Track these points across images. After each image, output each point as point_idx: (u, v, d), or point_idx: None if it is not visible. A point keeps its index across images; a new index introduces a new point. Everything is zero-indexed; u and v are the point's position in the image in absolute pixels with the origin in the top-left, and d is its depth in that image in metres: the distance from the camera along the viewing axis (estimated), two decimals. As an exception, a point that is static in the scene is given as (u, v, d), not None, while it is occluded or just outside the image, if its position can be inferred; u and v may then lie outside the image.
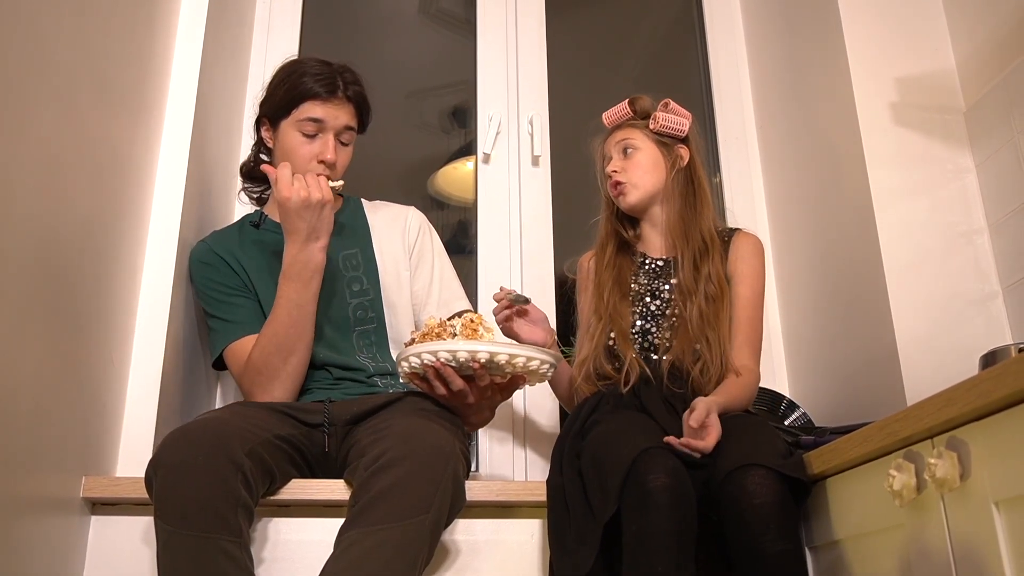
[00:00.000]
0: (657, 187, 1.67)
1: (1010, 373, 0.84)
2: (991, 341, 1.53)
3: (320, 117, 1.63)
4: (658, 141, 1.69)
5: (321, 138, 1.64)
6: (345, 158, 1.68)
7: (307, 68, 1.66)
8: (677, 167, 1.68)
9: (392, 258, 1.75)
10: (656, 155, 1.69)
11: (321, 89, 1.63)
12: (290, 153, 1.64)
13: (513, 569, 1.44)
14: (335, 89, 1.65)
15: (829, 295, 1.87)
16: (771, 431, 1.39)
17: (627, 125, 1.72)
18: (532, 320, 1.67)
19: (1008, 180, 1.62)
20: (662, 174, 1.68)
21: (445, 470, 1.27)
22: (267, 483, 1.36)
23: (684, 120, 1.70)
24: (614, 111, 1.74)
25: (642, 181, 1.67)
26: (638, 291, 1.65)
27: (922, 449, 1.01)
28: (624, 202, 1.68)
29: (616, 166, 1.69)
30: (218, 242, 1.72)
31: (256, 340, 1.57)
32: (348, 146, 1.69)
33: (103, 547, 1.43)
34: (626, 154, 1.69)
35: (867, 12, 1.83)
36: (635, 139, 1.70)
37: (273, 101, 1.68)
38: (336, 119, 1.65)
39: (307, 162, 1.63)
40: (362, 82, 1.71)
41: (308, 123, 1.63)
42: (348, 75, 1.68)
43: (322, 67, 1.67)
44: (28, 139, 1.24)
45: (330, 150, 1.63)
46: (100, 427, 1.49)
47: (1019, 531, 0.87)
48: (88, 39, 1.44)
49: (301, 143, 1.64)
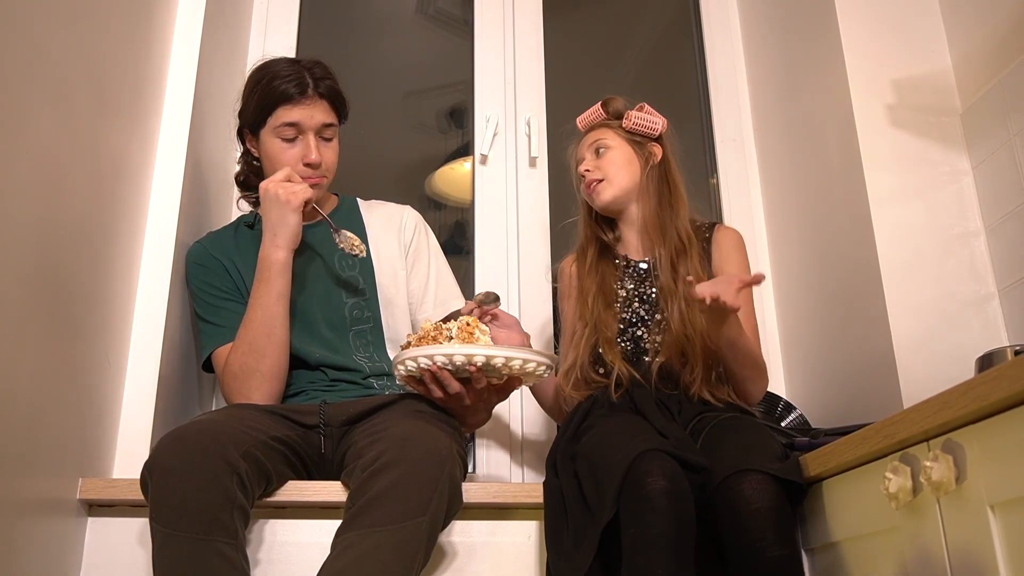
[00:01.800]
0: (631, 184, 1.67)
1: (1006, 376, 0.84)
2: (987, 343, 1.54)
3: (296, 120, 1.61)
4: (631, 140, 1.69)
5: (302, 140, 1.63)
6: (331, 154, 1.67)
7: (276, 71, 1.63)
8: (651, 164, 1.67)
9: (388, 257, 1.75)
10: (629, 153, 1.68)
11: (292, 91, 1.60)
12: (274, 160, 1.63)
13: (510, 571, 1.43)
14: (305, 88, 1.61)
15: (826, 297, 1.87)
16: (767, 433, 1.39)
17: (600, 126, 1.72)
18: (505, 325, 1.65)
19: (1004, 182, 1.62)
20: (636, 171, 1.67)
21: (442, 472, 1.27)
22: (263, 485, 1.36)
23: (657, 120, 1.69)
24: (587, 114, 1.75)
25: (616, 178, 1.67)
26: (626, 297, 1.64)
27: (918, 452, 1.01)
28: (599, 200, 1.68)
29: (588, 165, 1.69)
30: (214, 243, 1.72)
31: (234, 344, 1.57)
32: (332, 141, 1.67)
33: (99, 549, 1.43)
34: (599, 154, 1.69)
35: (864, 14, 1.83)
36: (607, 138, 1.70)
37: (248, 111, 1.66)
38: (312, 119, 1.62)
39: (293, 166, 1.62)
40: (333, 74, 1.67)
41: (285, 128, 1.61)
42: (317, 70, 1.64)
43: (290, 67, 1.63)
44: (25, 141, 1.24)
45: (312, 151, 1.62)
46: (97, 429, 1.49)
47: (1015, 534, 0.87)
48: (85, 42, 1.44)
49: (282, 149, 1.63)
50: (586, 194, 1.70)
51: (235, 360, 1.55)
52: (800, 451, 1.34)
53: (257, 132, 1.66)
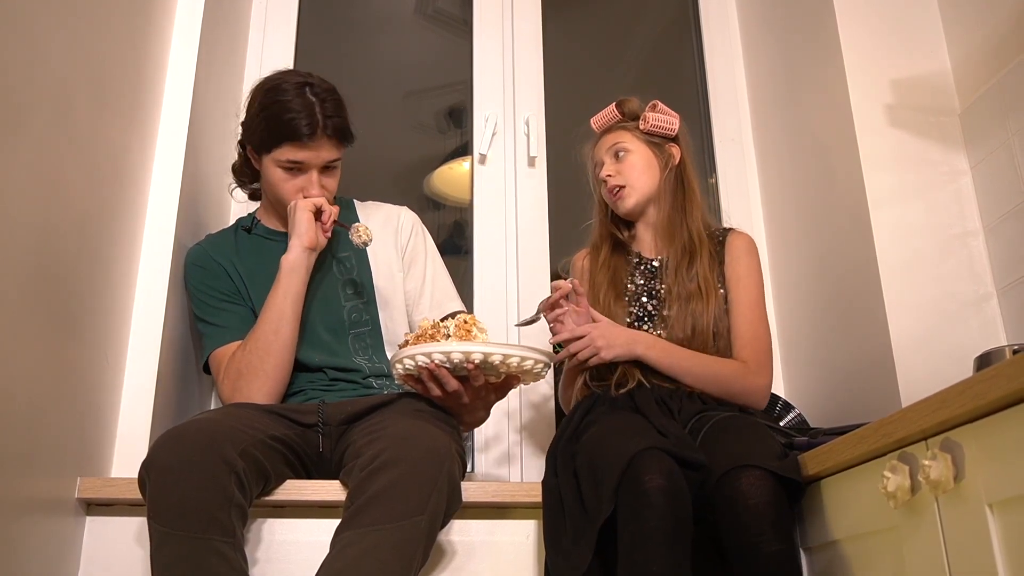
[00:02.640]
0: (653, 188, 1.68)
1: (1004, 375, 0.84)
2: (986, 343, 1.54)
3: (301, 160, 1.59)
4: (649, 142, 1.69)
5: (304, 175, 1.61)
6: (332, 182, 1.66)
7: (286, 101, 1.56)
8: (670, 166, 1.68)
9: (385, 259, 1.75)
10: (648, 156, 1.68)
11: (302, 131, 1.55)
12: (274, 187, 1.63)
13: (508, 570, 1.44)
14: (315, 130, 1.56)
15: (824, 296, 1.87)
16: (765, 432, 1.39)
17: (616, 128, 1.72)
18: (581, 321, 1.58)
19: (1003, 182, 1.62)
20: (656, 174, 1.68)
21: (441, 471, 1.27)
22: (262, 483, 1.36)
23: (674, 119, 1.69)
24: (602, 115, 1.74)
25: (639, 183, 1.67)
26: (635, 291, 1.65)
27: (916, 451, 1.01)
28: (622, 206, 1.68)
29: (610, 170, 1.68)
30: (214, 246, 1.72)
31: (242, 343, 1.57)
32: (335, 169, 1.66)
33: (98, 548, 1.43)
34: (618, 157, 1.69)
35: (863, 13, 1.83)
36: (626, 141, 1.69)
37: (252, 132, 1.63)
38: (318, 158, 1.59)
39: (292, 196, 1.62)
40: (343, 106, 1.62)
41: (289, 163, 1.60)
42: (328, 105, 1.58)
43: (300, 99, 1.56)
44: (24, 141, 1.24)
45: (314, 187, 1.61)
46: (95, 428, 1.49)
47: (1013, 533, 0.87)
48: (84, 42, 1.44)
49: (283, 179, 1.61)
50: (609, 200, 1.70)
51: (241, 358, 1.54)
52: (799, 450, 1.34)
53: (259, 154, 1.64)
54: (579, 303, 1.57)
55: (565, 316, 1.55)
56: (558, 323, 1.56)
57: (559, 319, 1.56)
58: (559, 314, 1.56)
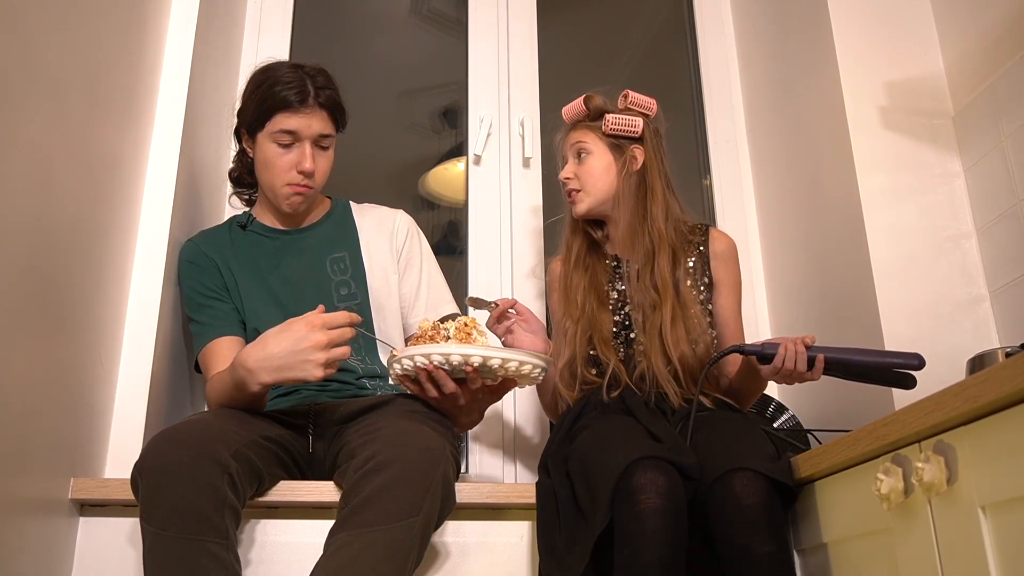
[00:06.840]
0: (608, 192, 1.66)
1: (997, 378, 0.85)
2: (978, 345, 1.55)
3: (293, 128, 1.60)
4: (611, 144, 1.67)
5: (298, 147, 1.62)
6: (325, 163, 1.66)
7: (278, 76, 1.61)
8: (628, 170, 1.65)
9: (380, 262, 1.75)
10: (608, 159, 1.67)
11: (292, 99, 1.59)
12: (269, 164, 1.63)
13: (502, 571, 1.44)
14: (306, 97, 1.60)
15: (818, 298, 1.88)
16: (759, 433, 1.39)
17: (582, 126, 1.71)
18: (532, 330, 1.64)
19: (996, 185, 1.63)
20: (613, 178, 1.66)
21: (435, 472, 1.27)
22: (255, 484, 1.36)
23: (637, 120, 1.66)
24: (571, 108, 1.74)
25: (594, 188, 1.66)
26: (617, 299, 1.64)
27: (910, 453, 1.02)
28: (576, 210, 1.69)
29: (568, 172, 1.69)
30: (207, 242, 1.72)
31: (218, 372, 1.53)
32: (327, 150, 1.67)
33: (91, 548, 1.43)
34: (580, 158, 1.69)
35: (857, 16, 1.84)
36: (588, 142, 1.69)
37: (247, 113, 1.65)
38: (310, 128, 1.61)
39: (286, 172, 1.62)
40: (335, 84, 1.66)
41: (282, 134, 1.61)
42: (320, 79, 1.63)
43: (293, 74, 1.61)
44: (18, 141, 1.24)
45: (307, 159, 1.62)
46: (89, 429, 1.49)
47: (1005, 535, 0.87)
48: (78, 41, 1.43)
49: (278, 154, 1.62)
50: (566, 201, 1.71)
51: (208, 389, 1.55)
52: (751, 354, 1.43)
53: (254, 134, 1.65)
54: (520, 312, 1.65)
55: (514, 326, 1.63)
56: (509, 333, 1.63)
57: (510, 329, 1.63)
58: (508, 325, 1.64)
